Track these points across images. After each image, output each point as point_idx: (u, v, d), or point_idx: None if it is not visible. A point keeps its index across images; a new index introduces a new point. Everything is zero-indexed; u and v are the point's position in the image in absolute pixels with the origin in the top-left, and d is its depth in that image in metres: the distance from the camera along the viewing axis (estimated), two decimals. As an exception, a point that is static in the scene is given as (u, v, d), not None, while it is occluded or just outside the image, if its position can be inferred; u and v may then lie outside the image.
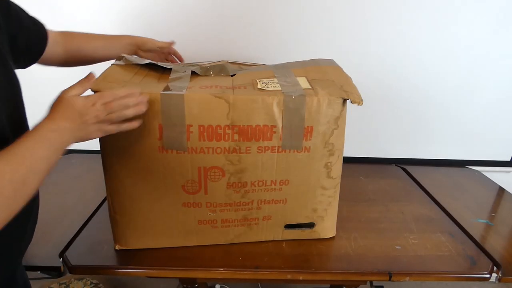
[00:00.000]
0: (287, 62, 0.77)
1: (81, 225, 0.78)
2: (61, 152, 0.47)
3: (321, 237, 0.75)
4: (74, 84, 0.52)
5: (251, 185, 0.67)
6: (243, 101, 0.60)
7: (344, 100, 0.63)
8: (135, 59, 0.71)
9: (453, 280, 0.69)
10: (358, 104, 0.62)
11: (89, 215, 0.82)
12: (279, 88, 0.63)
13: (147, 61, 0.71)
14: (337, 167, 0.69)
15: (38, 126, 0.45)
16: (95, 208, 0.84)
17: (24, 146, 0.42)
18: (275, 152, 0.64)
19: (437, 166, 1.19)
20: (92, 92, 0.56)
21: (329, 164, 0.68)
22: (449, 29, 1.03)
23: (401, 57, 1.06)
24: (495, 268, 0.70)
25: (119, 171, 0.64)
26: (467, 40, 1.04)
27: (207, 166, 0.64)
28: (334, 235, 0.77)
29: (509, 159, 1.22)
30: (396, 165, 1.18)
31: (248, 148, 0.63)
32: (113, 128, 0.54)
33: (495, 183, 1.08)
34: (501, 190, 1.05)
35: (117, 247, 0.71)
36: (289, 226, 0.74)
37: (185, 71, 0.70)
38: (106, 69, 0.65)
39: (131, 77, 0.65)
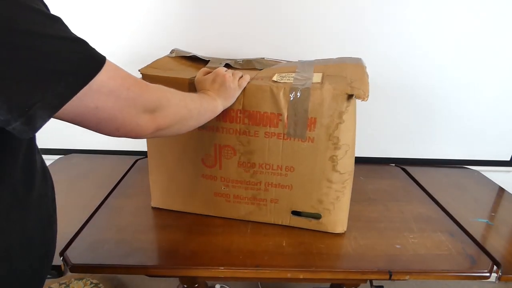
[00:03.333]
0: (316, 59, 0.82)
1: (82, 224, 0.78)
2: (212, 108, 0.62)
3: (329, 231, 0.77)
4: (200, 71, 0.69)
5: (259, 167, 0.74)
6: (253, 89, 0.68)
7: (350, 96, 0.65)
8: (184, 52, 0.85)
9: (453, 279, 0.69)
10: (362, 100, 0.63)
11: (89, 214, 0.82)
12: (291, 81, 0.68)
13: (191, 54, 0.84)
14: (345, 162, 0.71)
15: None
16: (95, 208, 0.85)
17: (192, 94, 0.58)
18: (280, 138, 0.70)
19: (437, 166, 1.19)
20: (141, 75, 0.72)
21: (334, 157, 0.70)
22: (449, 29, 1.03)
23: (401, 57, 1.07)
24: (495, 267, 0.70)
25: (159, 142, 0.77)
26: (467, 40, 1.05)
27: (222, 144, 0.73)
28: (343, 231, 0.78)
29: (509, 159, 1.22)
30: (396, 165, 1.18)
31: (256, 132, 0.70)
32: (241, 82, 0.67)
33: (495, 183, 1.09)
34: (501, 190, 1.05)
35: (152, 205, 0.85)
36: (296, 214, 0.77)
37: (220, 63, 0.80)
38: (159, 58, 0.80)
39: (176, 66, 0.78)
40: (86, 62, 0.36)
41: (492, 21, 1.02)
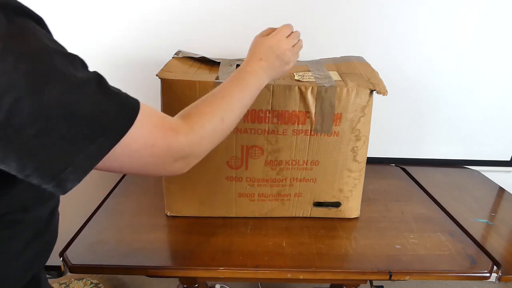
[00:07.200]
0: (320, 59, 0.86)
1: (81, 224, 0.78)
2: (255, 92, 0.53)
3: (346, 217, 0.83)
4: (263, 30, 0.59)
5: (285, 164, 0.76)
6: (282, 90, 0.69)
7: (371, 91, 0.70)
8: (189, 53, 0.84)
9: (453, 279, 0.69)
10: (383, 95, 0.69)
11: (89, 214, 0.82)
12: (314, 80, 0.71)
13: (199, 55, 0.83)
14: (363, 152, 0.76)
15: (237, 69, 0.53)
16: (95, 208, 0.84)
17: (223, 87, 0.49)
18: (308, 135, 0.73)
19: (437, 166, 1.19)
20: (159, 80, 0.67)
21: (355, 148, 0.74)
22: (449, 28, 1.03)
23: (401, 57, 1.07)
24: (495, 267, 0.70)
25: None
26: (467, 40, 1.05)
27: (249, 145, 0.73)
28: (358, 215, 0.84)
29: (509, 159, 1.22)
30: (396, 165, 1.18)
31: (284, 130, 0.72)
32: (296, 58, 0.60)
33: (495, 183, 1.09)
34: (501, 190, 1.05)
35: (168, 214, 0.82)
36: (317, 205, 0.80)
37: (231, 65, 0.80)
38: (169, 61, 0.78)
39: (188, 68, 0.76)
40: (116, 120, 0.35)
41: (491, 23, 1.02)
